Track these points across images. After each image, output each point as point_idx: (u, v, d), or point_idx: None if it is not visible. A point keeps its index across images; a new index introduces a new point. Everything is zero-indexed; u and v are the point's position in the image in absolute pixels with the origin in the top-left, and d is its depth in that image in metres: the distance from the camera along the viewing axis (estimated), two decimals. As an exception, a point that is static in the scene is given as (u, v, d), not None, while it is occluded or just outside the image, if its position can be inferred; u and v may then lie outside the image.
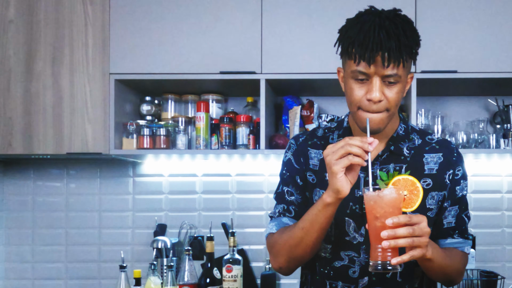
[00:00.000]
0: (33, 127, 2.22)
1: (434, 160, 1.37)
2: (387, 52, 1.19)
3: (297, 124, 2.28)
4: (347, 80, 1.28)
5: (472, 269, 2.35)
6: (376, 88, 1.22)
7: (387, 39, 1.19)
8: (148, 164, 2.57)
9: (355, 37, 1.22)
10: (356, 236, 1.35)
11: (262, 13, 2.20)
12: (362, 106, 1.25)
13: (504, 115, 2.33)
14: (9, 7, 2.23)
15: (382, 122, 1.27)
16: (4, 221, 2.57)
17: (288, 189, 1.43)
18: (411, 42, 1.23)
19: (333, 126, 1.46)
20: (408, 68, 1.28)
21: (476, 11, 2.17)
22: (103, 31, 2.22)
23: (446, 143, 1.42)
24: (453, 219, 1.40)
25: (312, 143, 1.43)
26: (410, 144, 1.38)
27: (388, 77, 1.22)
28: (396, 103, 1.27)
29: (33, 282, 2.57)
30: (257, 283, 2.49)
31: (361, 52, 1.20)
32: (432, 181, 1.36)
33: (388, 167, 1.35)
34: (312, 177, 1.41)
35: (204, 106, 2.31)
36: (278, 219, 1.42)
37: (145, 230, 2.55)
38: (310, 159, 1.41)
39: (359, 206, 1.34)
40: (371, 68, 1.21)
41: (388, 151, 1.36)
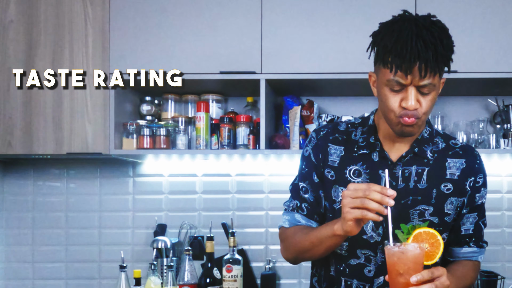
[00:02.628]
0: (33, 127, 2.22)
1: (457, 166, 1.38)
2: (424, 63, 1.18)
3: (297, 124, 2.28)
4: (382, 88, 1.27)
5: (472, 269, 2.35)
6: (412, 97, 1.22)
7: (424, 50, 1.18)
8: (148, 164, 2.57)
9: (392, 46, 1.20)
10: (373, 235, 1.36)
11: (262, 13, 2.20)
12: (398, 114, 1.26)
13: (504, 115, 2.33)
14: (9, 7, 2.22)
15: (417, 128, 1.28)
16: (4, 221, 2.57)
17: (303, 185, 1.43)
18: (448, 51, 1.23)
19: (357, 122, 1.45)
20: (441, 75, 1.28)
21: (476, 11, 2.17)
22: (103, 31, 2.22)
23: (469, 149, 1.42)
24: (471, 226, 1.42)
25: (333, 138, 1.42)
26: (434, 148, 1.39)
27: (423, 87, 1.22)
28: (429, 110, 1.28)
29: (33, 282, 2.57)
30: (257, 283, 2.49)
31: (398, 63, 1.19)
32: (452, 187, 1.37)
33: (410, 168, 1.36)
34: (331, 173, 1.40)
35: (204, 106, 2.31)
36: (291, 214, 1.45)
37: (145, 230, 2.55)
38: (329, 155, 1.40)
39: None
40: (408, 78, 1.21)
41: (412, 152, 1.36)
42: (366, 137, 1.39)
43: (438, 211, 1.36)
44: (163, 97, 2.45)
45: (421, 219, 1.35)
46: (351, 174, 1.38)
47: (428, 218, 1.36)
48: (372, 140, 1.38)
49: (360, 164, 1.37)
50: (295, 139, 2.27)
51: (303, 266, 2.51)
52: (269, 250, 2.53)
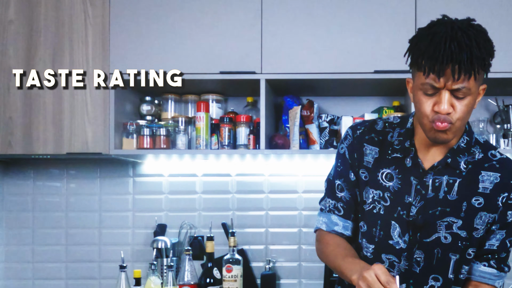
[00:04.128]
0: (33, 127, 2.22)
1: (490, 179, 1.33)
2: (458, 64, 1.16)
3: (297, 124, 2.27)
4: (416, 92, 1.25)
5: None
6: (445, 101, 1.19)
7: (458, 52, 1.15)
8: (148, 164, 2.57)
9: (425, 49, 1.19)
10: (399, 242, 1.35)
11: (262, 13, 2.20)
12: (431, 119, 1.22)
13: (504, 115, 2.33)
14: (9, 7, 2.22)
15: (450, 134, 1.25)
16: (4, 221, 2.57)
17: (339, 182, 1.42)
18: (484, 53, 1.19)
19: (396, 121, 1.41)
20: (479, 81, 1.24)
21: (475, 11, 2.17)
22: (103, 31, 2.22)
23: (508, 163, 1.36)
24: (496, 243, 1.36)
25: (369, 138, 1.39)
26: (469, 158, 1.34)
27: (458, 91, 1.19)
28: (464, 117, 1.24)
29: (33, 282, 2.57)
30: (257, 283, 2.49)
31: (431, 65, 1.17)
32: (483, 201, 1.33)
33: (441, 178, 1.32)
34: (365, 174, 1.38)
35: (204, 106, 2.31)
36: (328, 216, 1.44)
37: (145, 230, 2.55)
38: (364, 155, 1.38)
39: (406, 212, 1.33)
40: (441, 81, 1.18)
41: (445, 162, 1.32)
42: (402, 140, 1.36)
43: (466, 225, 1.32)
44: (163, 97, 2.45)
45: (448, 231, 1.33)
46: (383, 178, 1.36)
47: (456, 232, 1.33)
48: (407, 144, 1.35)
49: (392, 168, 1.35)
50: (295, 139, 2.27)
51: (303, 266, 2.51)
52: (269, 250, 2.53)
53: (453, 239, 1.33)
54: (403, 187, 1.33)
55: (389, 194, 1.34)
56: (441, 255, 1.34)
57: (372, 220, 1.37)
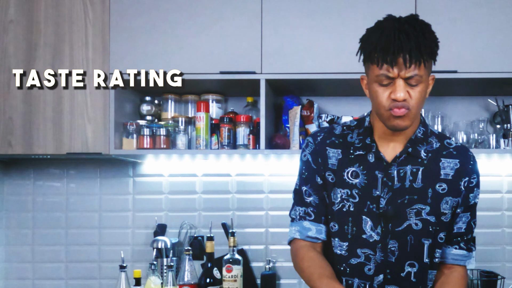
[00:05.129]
0: (33, 127, 2.22)
1: (451, 166, 1.40)
2: (408, 53, 1.24)
3: (297, 124, 2.28)
4: (372, 85, 1.32)
5: (472, 269, 2.35)
6: (401, 88, 1.27)
7: (407, 41, 1.24)
8: (148, 164, 2.57)
9: (377, 42, 1.27)
10: (372, 234, 1.39)
11: (262, 13, 2.20)
12: (388, 107, 1.29)
13: (504, 115, 2.33)
14: (9, 7, 2.22)
15: (408, 120, 1.31)
16: (4, 221, 2.57)
17: (306, 188, 1.46)
18: (430, 42, 1.28)
19: (353, 124, 1.47)
20: (428, 69, 1.32)
21: (476, 11, 2.17)
22: (103, 31, 2.22)
23: (464, 150, 1.44)
24: (463, 225, 1.45)
25: (330, 142, 1.45)
26: (428, 147, 1.41)
27: (410, 78, 1.27)
28: (419, 103, 1.31)
29: (33, 282, 2.57)
30: (257, 283, 2.49)
31: (383, 55, 1.26)
32: (447, 186, 1.40)
33: (405, 168, 1.38)
34: (331, 176, 1.43)
35: (204, 106, 2.31)
36: (299, 224, 1.47)
37: (145, 230, 2.55)
38: (328, 158, 1.43)
39: (376, 205, 1.38)
40: (394, 70, 1.26)
41: (406, 152, 1.39)
42: (362, 139, 1.42)
43: (434, 210, 1.39)
44: (163, 97, 2.45)
45: (418, 218, 1.38)
46: (349, 176, 1.41)
47: (425, 217, 1.38)
48: (368, 141, 1.41)
49: (357, 166, 1.41)
50: (295, 139, 2.27)
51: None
52: (269, 250, 2.53)
53: (423, 225, 1.39)
54: (369, 182, 1.39)
55: (357, 190, 1.40)
56: (414, 241, 1.39)
57: (343, 219, 1.41)
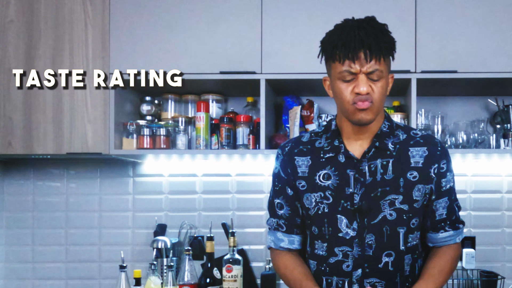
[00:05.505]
0: (33, 127, 2.22)
1: (420, 154, 1.44)
2: (368, 48, 1.31)
3: (297, 124, 2.28)
4: (335, 83, 1.38)
5: (472, 269, 2.35)
6: (363, 82, 1.33)
7: (366, 37, 1.31)
8: (148, 164, 2.57)
9: (338, 40, 1.34)
10: (348, 231, 1.43)
11: (262, 13, 2.20)
12: (352, 101, 1.35)
13: (504, 115, 2.33)
14: (9, 7, 2.23)
15: (371, 113, 1.36)
16: (4, 221, 2.57)
17: (278, 201, 1.53)
18: (388, 39, 1.36)
19: (320, 130, 1.52)
20: (388, 65, 1.38)
21: (476, 11, 2.17)
22: (103, 31, 2.22)
23: (430, 138, 1.48)
24: (444, 211, 1.48)
25: (298, 151, 1.50)
26: (395, 140, 1.45)
27: (372, 73, 1.33)
28: (381, 97, 1.36)
29: (33, 282, 2.57)
30: (257, 283, 2.49)
31: (345, 52, 1.32)
32: (418, 174, 1.43)
33: (375, 162, 1.42)
34: (302, 183, 1.48)
35: (204, 106, 2.31)
36: (274, 234, 1.55)
37: (145, 230, 2.55)
38: (298, 167, 1.48)
39: (350, 203, 1.42)
40: (356, 65, 1.32)
41: (374, 147, 1.43)
42: (330, 142, 1.47)
43: (407, 198, 1.42)
44: (163, 97, 2.45)
45: (392, 208, 1.41)
46: (321, 179, 1.45)
47: (399, 207, 1.41)
48: (336, 143, 1.45)
49: (328, 168, 1.45)
50: (295, 139, 2.27)
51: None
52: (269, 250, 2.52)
53: (397, 214, 1.42)
54: (341, 181, 1.43)
55: (330, 191, 1.44)
56: (390, 231, 1.42)
57: (319, 221, 1.45)
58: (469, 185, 2.50)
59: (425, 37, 2.16)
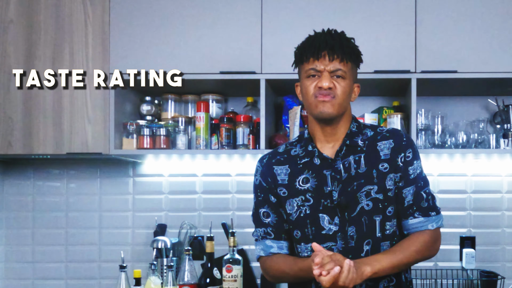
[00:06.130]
0: (33, 127, 2.22)
1: (387, 146, 1.53)
2: (331, 48, 1.45)
3: (297, 124, 2.27)
4: (303, 82, 1.50)
5: (472, 269, 2.35)
6: (326, 78, 1.45)
7: (331, 39, 1.46)
8: (148, 164, 2.57)
9: (306, 43, 1.50)
10: (331, 227, 1.51)
11: (262, 13, 2.20)
12: (315, 95, 1.46)
13: (504, 115, 2.33)
14: (9, 7, 2.23)
15: (332, 107, 1.46)
16: (4, 221, 2.57)
17: (264, 210, 1.60)
18: (352, 46, 1.50)
19: (294, 140, 1.63)
20: (352, 70, 1.50)
21: (476, 11, 2.17)
22: (103, 31, 2.22)
23: (395, 131, 1.58)
24: (411, 197, 1.53)
25: (276, 160, 1.60)
26: (364, 137, 1.55)
27: (335, 71, 1.45)
28: (344, 95, 1.47)
29: (33, 282, 2.57)
30: (257, 283, 2.49)
31: (310, 51, 1.46)
32: (388, 165, 1.52)
33: (348, 159, 1.52)
34: (283, 190, 1.56)
35: (204, 106, 2.31)
36: (262, 243, 1.61)
37: (145, 230, 2.55)
38: (277, 175, 1.57)
39: (330, 200, 1.50)
40: (320, 62, 1.45)
41: (345, 145, 1.53)
42: (305, 148, 1.56)
43: (381, 188, 1.50)
44: (163, 97, 2.45)
45: (368, 199, 1.49)
46: (300, 183, 1.54)
47: (375, 196, 1.50)
48: (310, 148, 1.55)
49: (306, 172, 1.54)
50: (295, 139, 2.27)
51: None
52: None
53: (373, 204, 1.50)
54: (319, 182, 1.52)
55: (310, 194, 1.52)
56: (368, 221, 1.50)
57: (302, 223, 1.54)
58: (469, 185, 2.50)
59: (425, 37, 2.16)
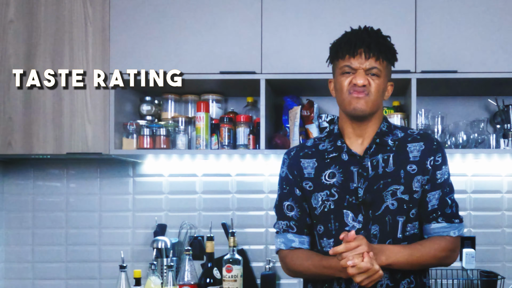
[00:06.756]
0: (33, 127, 2.22)
1: (417, 149, 1.52)
2: (367, 46, 1.44)
3: (297, 124, 2.28)
4: (337, 78, 1.49)
5: (472, 269, 2.35)
6: (361, 76, 1.44)
7: (367, 37, 1.45)
8: (148, 164, 2.57)
9: (342, 40, 1.49)
10: (354, 225, 1.49)
11: (262, 13, 2.20)
12: (349, 91, 1.45)
13: (504, 115, 2.33)
14: (9, 7, 2.23)
15: (366, 104, 1.45)
16: (4, 221, 2.57)
17: (288, 203, 1.58)
18: (389, 45, 1.49)
19: (323, 135, 1.62)
20: (387, 69, 1.50)
21: (476, 11, 2.17)
22: (103, 31, 2.22)
23: (426, 134, 1.58)
24: (436, 202, 1.52)
25: (303, 154, 1.58)
26: (394, 137, 1.54)
27: (370, 69, 1.45)
28: (378, 93, 1.47)
29: (33, 282, 2.57)
30: (257, 283, 2.49)
31: (346, 48, 1.45)
32: (416, 167, 1.51)
33: (377, 157, 1.50)
34: (309, 184, 1.55)
35: (204, 106, 2.31)
36: (284, 236, 1.58)
37: (145, 230, 2.55)
38: (304, 169, 1.56)
39: (355, 197, 1.49)
40: (356, 60, 1.44)
41: (375, 143, 1.52)
42: (334, 143, 1.55)
43: (407, 189, 1.49)
44: (163, 97, 2.45)
45: (394, 198, 1.48)
46: (327, 178, 1.53)
47: (400, 196, 1.48)
48: (339, 143, 1.54)
49: (333, 167, 1.53)
50: (295, 139, 2.27)
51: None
52: (269, 250, 2.53)
53: (398, 204, 1.48)
54: (346, 178, 1.50)
55: (335, 189, 1.51)
56: (392, 220, 1.48)
57: (326, 218, 1.52)
58: (469, 185, 2.50)
59: (425, 37, 2.16)
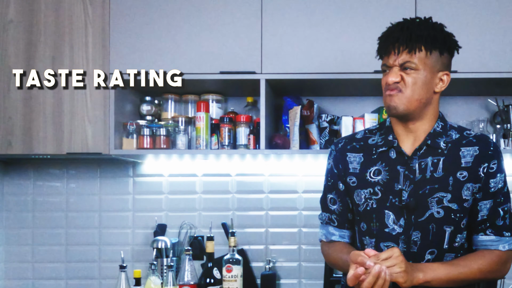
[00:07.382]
0: (33, 127, 2.22)
1: (470, 153, 1.43)
2: (396, 41, 1.38)
3: (297, 124, 2.27)
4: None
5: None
6: (392, 74, 1.40)
7: (400, 32, 1.39)
8: (148, 164, 2.57)
9: (379, 39, 1.46)
10: (395, 228, 1.43)
11: (262, 13, 2.20)
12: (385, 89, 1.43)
13: (504, 115, 2.33)
14: (9, 7, 2.22)
15: (399, 101, 1.40)
16: (4, 221, 2.57)
17: (331, 196, 1.56)
18: (426, 33, 1.38)
19: (375, 127, 1.56)
20: (431, 58, 1.40)
21: (476, 11, 2.17)
22: (103, 31, 2.22)
23: (483, 137, 1.48)
24: (486, 212, 1.44)
25: (351, 147, 1.53)
26: (447, 139, 1.46)
27: (403, 64, 1.39)
28: (413, 88, 1.39)
29: (33, 282, 2.57)
30: (257, 283, 2.49)
31: (379, 47, 1.44)
32: (467, 174, 1.42)
33: (426, 160, 1.43)
34: (353, 179, 1.51)
35: (204, 106, 2.31)
36: (325, 227, 1.59)
37: (145, 230, 2.55)
38: (349, 163, 1.52)
39: (398, 199, 1.43)
40: (389, 58, 1.41)
41: (425, 145, 1.44)
42: (384, 137, 1.49)
43: (456, 197, 1.41)
44: (163, 97, 2.45)
45: (439, 206, 1.41)
46: (371, 175, 1.48)
47: (447, 205, 1.41)
48: (390, 137, 1.48)
49: (379, 164, 1.47)
50: (295, 139, 2.27)
51: (303, 266, 2.51)
52: (269, 250, 2.53)
53: (445, 213, 1.41)
54: (391, 177, 1.44)
55: (379, 187, 1.45)
56: (436, 229, 1.42)
57: (368, 217, 1.47)
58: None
59: (425, 37, 2.16)
